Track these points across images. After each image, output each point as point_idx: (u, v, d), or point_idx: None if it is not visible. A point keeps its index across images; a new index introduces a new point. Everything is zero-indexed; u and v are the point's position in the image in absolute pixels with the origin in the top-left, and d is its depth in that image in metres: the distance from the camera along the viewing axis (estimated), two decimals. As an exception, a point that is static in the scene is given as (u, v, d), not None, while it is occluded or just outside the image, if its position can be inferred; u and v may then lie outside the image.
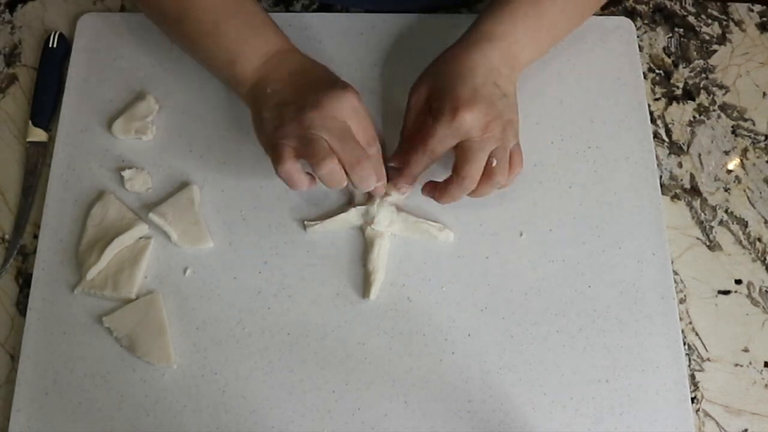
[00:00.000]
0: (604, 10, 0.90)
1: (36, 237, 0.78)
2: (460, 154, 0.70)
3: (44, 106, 0.84)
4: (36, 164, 0.81)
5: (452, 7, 0.90)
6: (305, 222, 0.77)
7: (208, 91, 0.83)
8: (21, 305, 0.76)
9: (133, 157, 0.80)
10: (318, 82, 0.72)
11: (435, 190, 0.74)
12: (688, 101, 0.86)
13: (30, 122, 0.83)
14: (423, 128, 0.71)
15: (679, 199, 0.81)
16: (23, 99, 0.85)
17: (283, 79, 0.73)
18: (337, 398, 0.71)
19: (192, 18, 0.75)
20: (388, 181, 0.75)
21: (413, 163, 0.73)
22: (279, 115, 0.70)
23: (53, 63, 0.86)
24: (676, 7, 0.90)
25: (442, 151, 0.71)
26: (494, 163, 0.70)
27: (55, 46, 0.86)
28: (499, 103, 0.70)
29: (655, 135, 0.83)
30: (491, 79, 0.71)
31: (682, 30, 0.89)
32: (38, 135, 0.83)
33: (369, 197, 0.77)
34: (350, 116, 0.69)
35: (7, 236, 0.79)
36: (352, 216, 0.76)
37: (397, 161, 0.75)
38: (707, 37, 0.89)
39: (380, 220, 0.75)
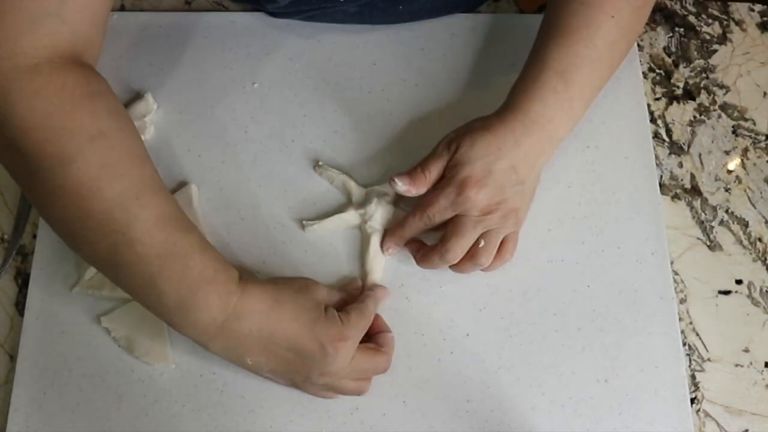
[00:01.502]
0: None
1: (35, 237, 0.78)
2: (451, 227, 0.70)
3: (44, 106, 0.84)
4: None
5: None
6: (304, 222, 0.77)
7: (207, 91, 0.83)
8: (20, 305, 0.76)
9: (131, 157, 0.80)
10: (304, 349, 0.65)
11: (418, 251, 0.74)
12: (689, 101, 0.85)
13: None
14: (428, 192, 0.71)
15: (679, 199, 0.81)
16: (23, 99, 0.85)
17: (256, 352, 0.65)
18: (335, 398, 0.71)
19: (125, 269, 0.64)
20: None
21: (407, 226, 0.72)
22: (286, 376, 0.68)
23: (53, 63, 0.86)
24: (677, 7, 0.90)
25: (439, 221, 0.70)
26: (480, 245, 0.70)
27: None
28: (509, 190, 0.69)
29: (656, 135, 0.83)
30: (513, 164, 0.69)
31: (682, 30, 0.89)
32: (37, 135, 0.82)
33: (368, 197, 0.76)
34: (353, 351, 0.67)
35: (6, 236, 0.79)
36: (351, 216, 0.76)
37: (402, 180, 0.72)
38: (708, 37, 0.89)
39: (377, 220, 0.75)
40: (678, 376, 0.72)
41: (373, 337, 0.71)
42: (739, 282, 0.78)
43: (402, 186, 0.71)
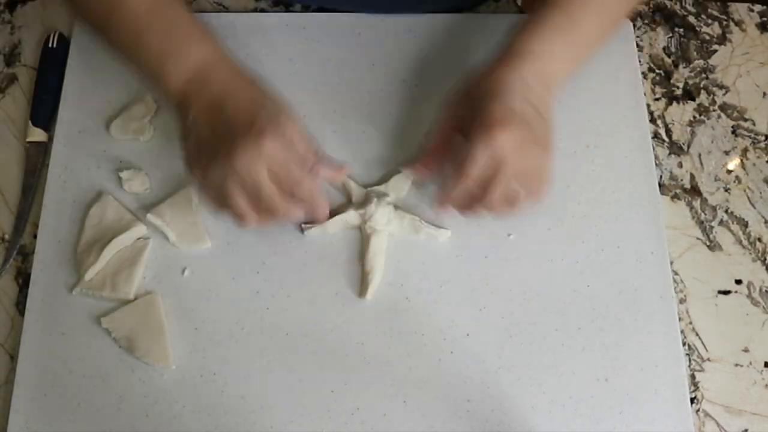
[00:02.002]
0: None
1: (36, 237, 0.78)
2: (487, 182, 0.68)
3: (44, 106, 0.84)
4: (36, 164, 0.81)
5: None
6: (302, 225, 0.77)
7: (207, 92, 0.83)
8: (21, 305, 0.76)
9: (131, 158, 0.80)
10: (234, 120, 0.67)
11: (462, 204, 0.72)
12: (688, 101, 0.85)
13: (30, 122, 0.83)
14: (451, 146, 0.70)
15: (679, 199, 0.81)
16: (23, 99, 0.85)
17: (202, 108, 0.69)
18: (336, 398, 0.71)
19: (113, 28, 0.72)
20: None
21: (456, 190, 0.69)
22: (198, 154, 0.69)
23: (53, 63, 0.86)
24: (676, 7, 0.90)
25: (478, 174, 0.67)
26: (521, 195, 0.69)
27: (54, 46, 0.86)
28: (535, 125, 0.68)
29: (656, 135, 0.83)
30: (527, 98, 0.69)
31: (682, 30, 0.89)
32: (38, 135, 0.83)
33: (367, 197, 0.77)
34: (266, 163, 0.66)
35: (6, 236, 0.79)
36: (350, 216, 0.76)
37: (416, 170, 0.73)
38: (707, 37, 0.89)
39: (377, 220, 0.75)
40: (678, 375, 0.72)
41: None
42: (738, 282, 0.78)
43: (418, 174, 0.73)
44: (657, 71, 0.87)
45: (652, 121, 0.84)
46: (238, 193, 0.67)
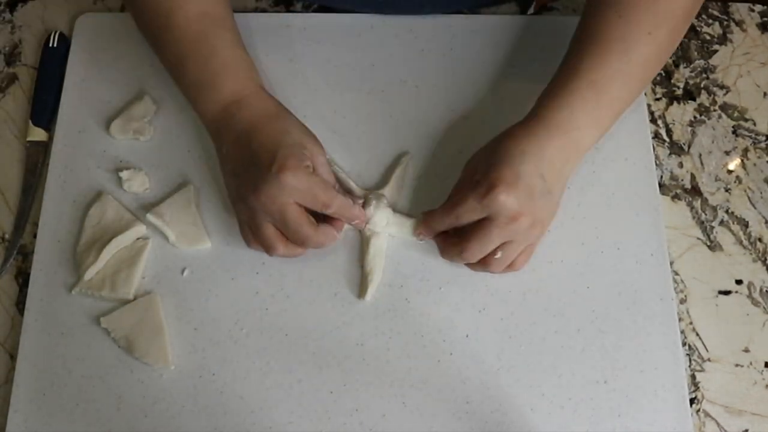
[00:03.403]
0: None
1: (36, 237, 0.78)
2: (476, 228, 0.68)
3: (44, 106, 0.84)
4: (36, 164, 0.81)
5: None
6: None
7: (207, 92, 0.83)
8: (21, 305, 0.76)
9: (131, 158, 0.80)
10: (258, 156, 0.70)
11: (442, 242, 0.73)
12: (689, 101, 0.85)
13: (30, 122, 0.83)
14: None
15: (679, 199, 0.81)
16: (23, 98, 0.86)
17: (231, 141, 0.73)
18: (335, 399, 0.71)
19: (161, 47, 0.77)
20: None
21: (436, 219, 0.71)
22: (232, 186, 0.73)
23: (53, 62, 0.86)
24: (677, 7, 0.90)
25: (467, 221, 0.68)
26: (497, 255, 0.69)
27: (55, 45, 0.87)
28: (538, 199, 0.68)
29: (656, 135, 0.83)
30: (540, 170, 0.68)
31: (682, 30, 0.89)
32: (38, 134, 0.83)
33: (367, 199, 0.76)
34: (290, 197, 0.68)
35: (7, 236, 0.79)
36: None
37: (424, 219, 0.74)
38: (708, 37, 0.89)
39: (377, 221, 0.75)
40: (678, 377, 0.72)
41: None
42: (739, 282, 0.77)
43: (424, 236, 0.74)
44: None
45: (653, 121, 0.84)
46: (266, 226, 0.70)
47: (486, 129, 0.75)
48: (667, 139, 0.83)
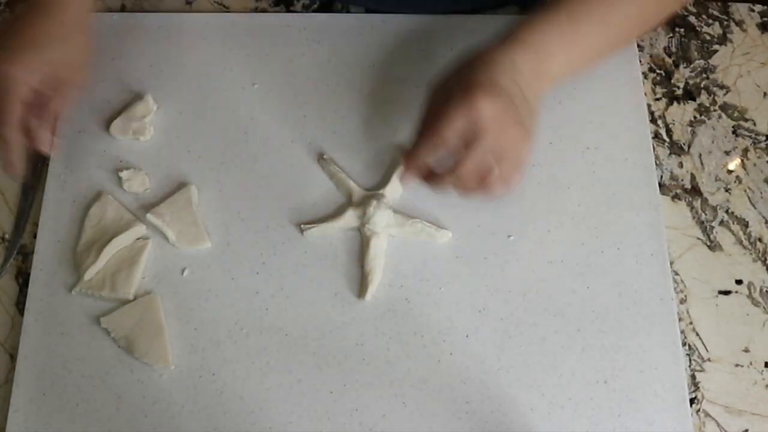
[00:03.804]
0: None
1: (36, 237, 0.78)
2: (464, 148, 0.64)
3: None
4: (36, 164, 0.81)
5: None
6: (302, 225, 0.77)
7: (207, 92, 0.83)
8: (21, 305, 0.76)
9: (131, 158, 0.81)
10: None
11: (431, 177, 0.69)
12: (689, 101, 0.85)
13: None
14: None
15: (679, 199, 0.81)
16: (23, 99, 0.85)
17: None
18: (335, 399, 0.71)
19: None
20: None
21: (422, 149, 0.67)
22: None
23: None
24: (677, 7, 0.90)
25: (453, 137, 0.64)
26: (495, 173, 0.66)
27: None
28: (519, 103, 0.65)
29: (656, 135, 0.83)
30: (513, 77, 0.66)
31: (682, 30, 0.89)
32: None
33: (367, 198, 0.76)
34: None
35: (7, 236, 0.79)
36: (350, 217, 0.76)
37: (405, 158, 0.69)
38: (708, 37, 0.89)
39: (377, 221, 0.75)
40: (678, 377, 0.72)
41: None
42: (739, 282, 0.77)
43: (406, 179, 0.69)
44: (657, 71, 0.87)
45: (653, 121, 0.84)
46: None
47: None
48: (667, 139, 0.83)
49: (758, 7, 0.89)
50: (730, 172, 0.82)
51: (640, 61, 0.85)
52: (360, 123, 0.82)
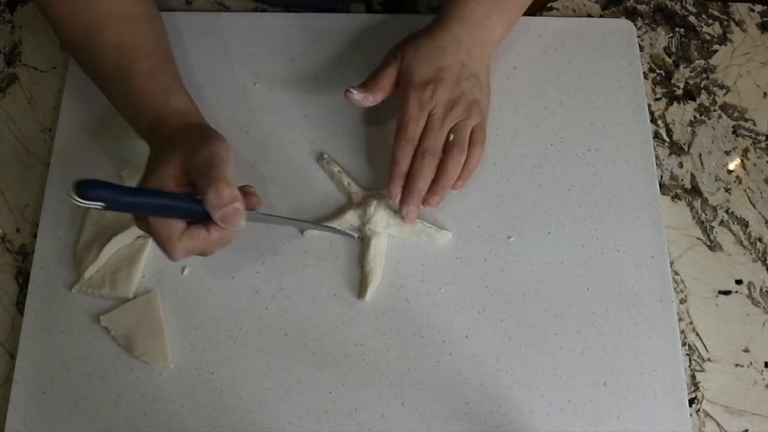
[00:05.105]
0: (605, 11, 0.89)
1: (36, 237, 0.78)
2: (423, 132, 0.75)
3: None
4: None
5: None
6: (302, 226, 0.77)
7: (208, 91, 0.83)
8: (21, 304, 0.76)
9: (131, 157, 0.80)
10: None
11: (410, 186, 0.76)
12: (689, 101, 0.85)
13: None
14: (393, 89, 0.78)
15: (679, 199, 0.81)
16: (23, 99, 0.85)
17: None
18: (334, 399, 0.71)
19: (87, 70, 0.78)
20: None
21: (401, 159, 0.75)
22: None
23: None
24: (677, 7, 0.90)
25: (418, 132, 0.75)
26: (451, 138, 0.75)
27: None
28: (464, 83, 0.76)
29: (656, 135, 0.83)
30: (459, 59, 0.76)
31: (682, 30, 0.89)
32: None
33: (367, 199, 0.76)
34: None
35: (7, 236, 0.80)
36: (350, 218, 0.76)
37: (357, 90, 0.77)
38: (708, 37, 0.88)
39: (377, 222, 0.75)
40: (677, 379, 0.72)
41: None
42: (739, 282, 0.77)
43: (358, 95, 0.76)
44: (658, 71, 0.87)
45: (653, 121, 0.84)
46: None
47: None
48: (667, 139, 0.83)
49: (758, 7, 0.89)
50: (730, 172, 0.82)
51: (640, 61, 0.85)
52: (361, 123, 0.82)
